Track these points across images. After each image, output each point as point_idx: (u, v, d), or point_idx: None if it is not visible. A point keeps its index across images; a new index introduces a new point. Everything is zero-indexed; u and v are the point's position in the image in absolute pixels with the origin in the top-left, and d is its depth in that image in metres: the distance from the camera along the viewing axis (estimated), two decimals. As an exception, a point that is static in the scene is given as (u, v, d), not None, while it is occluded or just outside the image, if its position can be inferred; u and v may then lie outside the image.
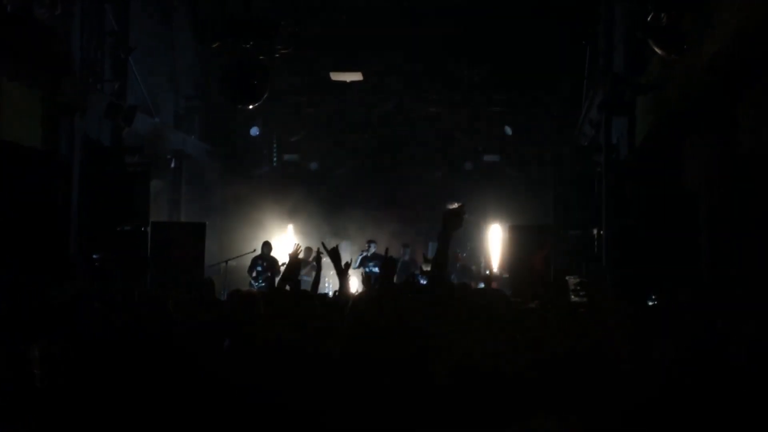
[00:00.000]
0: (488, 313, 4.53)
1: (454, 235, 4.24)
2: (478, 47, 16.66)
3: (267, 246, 15.88)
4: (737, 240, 7.38)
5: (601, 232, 12.45)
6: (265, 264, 15.46)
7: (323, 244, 6.26)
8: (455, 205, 4.44)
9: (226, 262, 15.43)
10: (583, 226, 13.50)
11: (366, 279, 8.14)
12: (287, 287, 5.43)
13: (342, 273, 5.92)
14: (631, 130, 11.38)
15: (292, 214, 18.74)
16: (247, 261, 15.68)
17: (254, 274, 15.40)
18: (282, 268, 14.55)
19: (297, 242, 6.12)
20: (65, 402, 3.49)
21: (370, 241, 16.90)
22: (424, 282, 14.53)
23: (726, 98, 7.74)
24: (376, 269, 16.37)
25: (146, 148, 14.14)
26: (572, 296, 6.43)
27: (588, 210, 13.02)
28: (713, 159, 7.85)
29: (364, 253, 16.60)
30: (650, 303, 7.11)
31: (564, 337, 4.16)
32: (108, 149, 13.09)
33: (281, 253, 15.75)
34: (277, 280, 14.01)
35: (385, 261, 6.24)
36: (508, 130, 18.00)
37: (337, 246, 6.12)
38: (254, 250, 15.79)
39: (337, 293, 8.39)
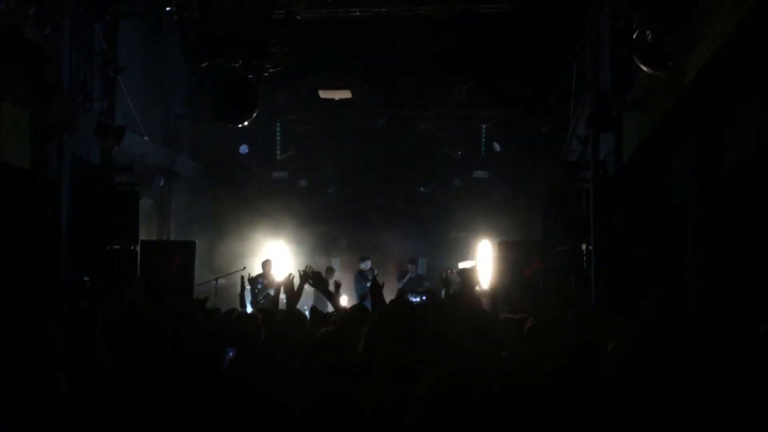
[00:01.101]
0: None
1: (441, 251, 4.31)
2: (466, 64, 16.80)
3: (267, 264, 15.91)
4: (724, 253, 7.44)
5: (590, 248, 12.50)
6: (265, 282, 15.48)
7: (304, 272, 6.11)
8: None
9: (216, 280, 15.42)
10: (571, 242, 13.56)
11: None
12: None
13: (330, 295, 5.91)
14: (618, 145, 11.45)
15: (283, 231, 18.75)
16: (237, 279, 15.68)
17: (255, 291, 15.36)
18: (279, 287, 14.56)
19: (290, 273, 6.01)
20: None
21: (363, 258, 17.00)
22: (416, 299, 14.64)
23: (711, 114, 7.82)
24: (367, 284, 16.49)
25: (136, 167, 14.16)
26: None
27: (576, 225, 13.08)
28: (699, 174, 7.92)
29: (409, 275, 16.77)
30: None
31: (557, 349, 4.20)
32: (97, 168, 13.10)
33: (277, 272, 15.77)
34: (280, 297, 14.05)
35: (373, 284, 6.26)
36: (497, 147, 18.08)
37: (314, 272, 6.04)
38: (244, 268, 15.77)
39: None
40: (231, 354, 5.10)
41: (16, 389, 3.37)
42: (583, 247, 13.16)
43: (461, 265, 15.19)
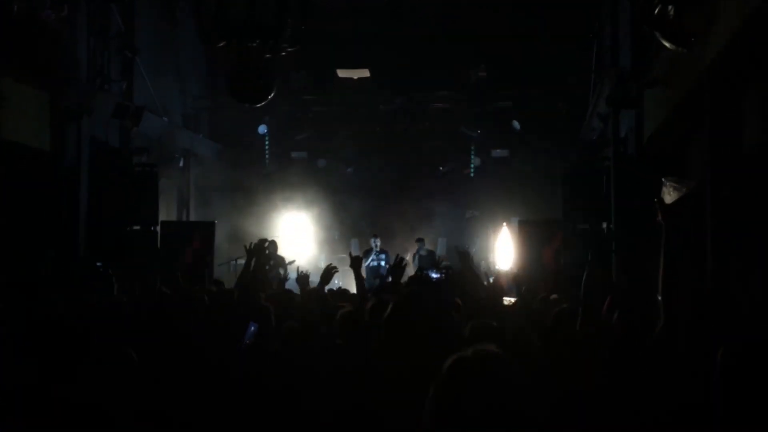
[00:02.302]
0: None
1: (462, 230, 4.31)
2: (486, 43, 16.66)
3: (273, 245, 15.89)
4: (742, 235, 7.34)
5: (610, 227, 12.42)
6: (272, 263, 15.45)
7: (350, 255, 6.36)
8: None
9: (236, 260, 15.44)
10: (592, 220, 13.48)
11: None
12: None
13: (360, 277, 5.98)
14: (639, 124, 11.33)
15: (301, 211, 18.77)
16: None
17: (262, 273, 15.35)
18: (290, 266, 14.62)
19: (332, 264, 6.32)
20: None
21: (374, 236, 17.00)
22: (435, 276, 14.61)
23: (733, 92, 7.70)
24: (383, 263, 16.46)
25: (154, 148, 14.18)
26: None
27: (597, 204, 12.99)
28: (720, 153, 7.80)
29: (372, 250, 16.68)
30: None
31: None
32: (116, 150, 13.14)
33: (288, 252, 15.79)
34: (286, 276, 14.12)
35: (395, 264, 6.30)
36: (517, 125, 17.93)
37: (358, 257, 6.21)
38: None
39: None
40: (253, 328, 5.07)
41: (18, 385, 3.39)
42: (604, 225, 13.08)
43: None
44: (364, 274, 6.29)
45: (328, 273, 6.19)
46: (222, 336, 4.62)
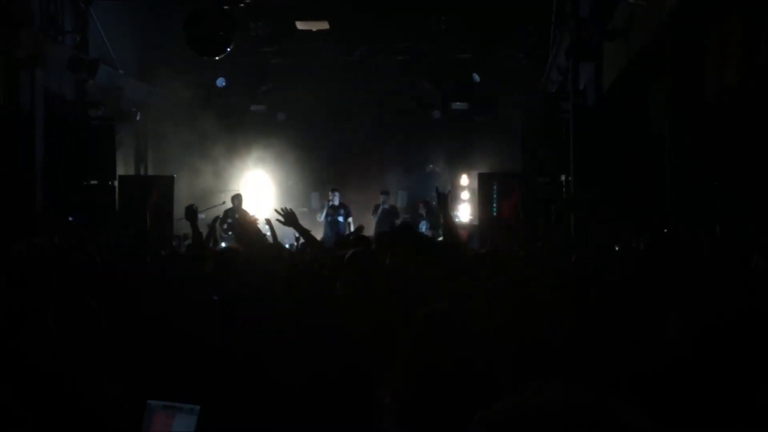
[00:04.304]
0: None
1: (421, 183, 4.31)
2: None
3: (238, 198, 15.81)
4: (703, 183, 7.46)
5: (569, 179, 12.52)
6: (236, 216, 15.37)
7: (277, 210, 6.10)
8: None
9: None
10: (551, 173, 13.59)
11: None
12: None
13: (304, 231, 5.87)
14: (599, 76, 11.39)
15: (261, 165, 18.67)
16: (215, 213, 15.60)
17: (225, 227, 15.29)
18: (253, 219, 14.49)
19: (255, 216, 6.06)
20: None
21: (333, 189, 16.90)
22: (425, 230, 14.65)
23: (692, 42, 7.76)
24: (341, 218, 16.41)
25: (110, 101, 13.94)
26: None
27: (556, 157, 13.07)
28: (680, 103, 7.88)
29: (329, 203, 16.60)
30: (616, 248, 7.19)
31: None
32: (71, 103, 12.90)
33: (247, 207, 15.69)
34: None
35: (358, 237, 6.23)
36: (476, 78, 17.92)
37: (289, 209, 6.01)
38: (223, 203, 15.70)
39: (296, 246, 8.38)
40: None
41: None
42: (563, 178, 13.19)
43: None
44: (321, 229, 6.23)
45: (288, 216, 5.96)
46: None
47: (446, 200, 6.03)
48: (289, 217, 5.84)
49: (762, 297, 3.21)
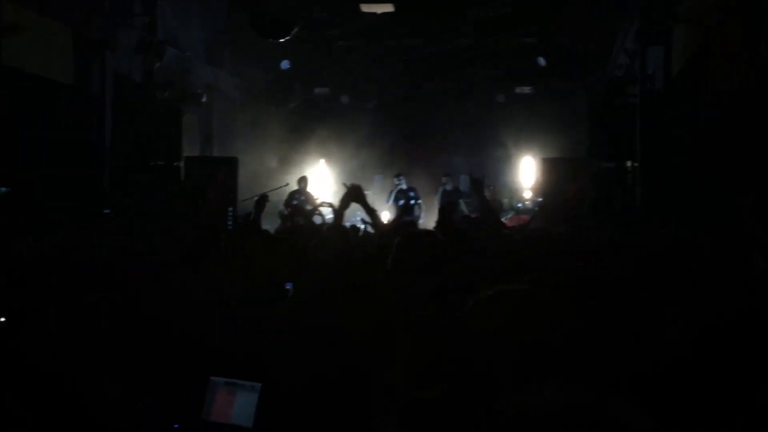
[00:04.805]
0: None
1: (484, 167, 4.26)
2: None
3: (303, 180, 15.95)
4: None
5: (635, 164, 12.32)
6: (302, 198, 15.52)
7: (344, 184, 6.02)
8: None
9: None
10: (617, 158, 13.38)
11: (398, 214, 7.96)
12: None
13: (371, 210, 5.82)
14: (668, 60, 11.14)
15: (323, 147, 18.77)
16: (278, 195, 15.76)
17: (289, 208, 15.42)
18: (318, 203, 14.61)
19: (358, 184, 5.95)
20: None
21: (397, 175, 16.96)
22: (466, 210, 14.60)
23: (766, 24, 7.53)
24: (412, 201, 16.47)
25: (177, 84, 14.14)
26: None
27: (622, 142, 12.88)
28: (751, 89, 7.66)
29: (396, 187, 16.65)
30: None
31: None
32: (139, 85, 13.11)
33: (316, 188, 15.83)
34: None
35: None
36: (541, 61, 17.68)
37: (357, 185, 5.92)
38: (286, 184, 15.83)
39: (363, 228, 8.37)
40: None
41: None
42: (629, 164, 12.98)
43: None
44: (393, 213, 6.17)
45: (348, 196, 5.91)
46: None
47: (480, 185, 6.01)
48: (354, 191, 5.60)
49: (762, 297, 3.13)
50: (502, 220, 12.30)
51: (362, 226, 9.95)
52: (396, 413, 2.23)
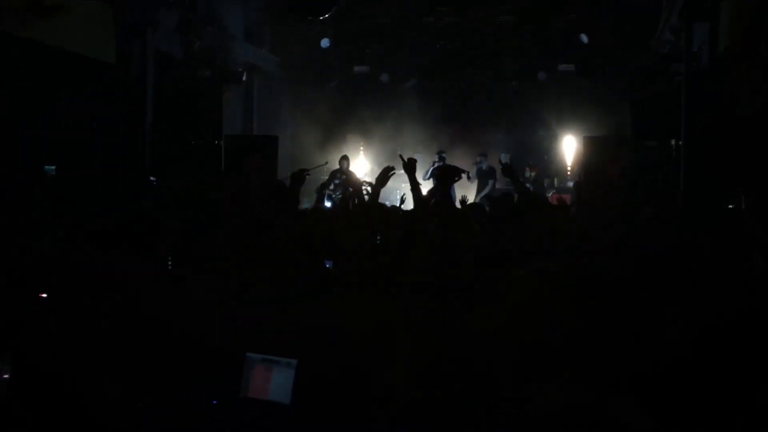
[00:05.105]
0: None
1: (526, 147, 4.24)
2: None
3: (346, 160, 15.96)
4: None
5: (680, 143, 12.12)
6: (344, 177, 15.54)
7: (401, 156, 6.13)
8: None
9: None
10: (660, 137, 13.19)
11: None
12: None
13: (416, 184, 5.83)
14: (714, 37, 10.92)
15: (363, 126, 18.75)
16: (318, 173, 15.81)
17: (332, 187, 15.47)
18: (362, 183, 14.62)
19: (392, 166, 6.05)
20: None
21: (440, 152, 16.92)
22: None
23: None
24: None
25: (217, 62, 14.19)
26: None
27: (666, 120, 12.68)
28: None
29: (435, 165, 16.58)
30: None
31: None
32: (180, 63, 13.18)
33: (357, 167, 15.84)
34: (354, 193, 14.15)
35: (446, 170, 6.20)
36: (584, 39, 17.42)
37: (413, 159, 5.99)
38: (326, 163, 15.82)
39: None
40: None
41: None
42: (673, 142, 12.78)
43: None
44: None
45: (384, 175, 5.96)
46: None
47: (511, 169, 6.02)
48: (409, 166, 5.86)
49: (762, 297, 3.06)
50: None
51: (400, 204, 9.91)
52: (396, 413, 2.23)
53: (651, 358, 2.54)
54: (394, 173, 6.04)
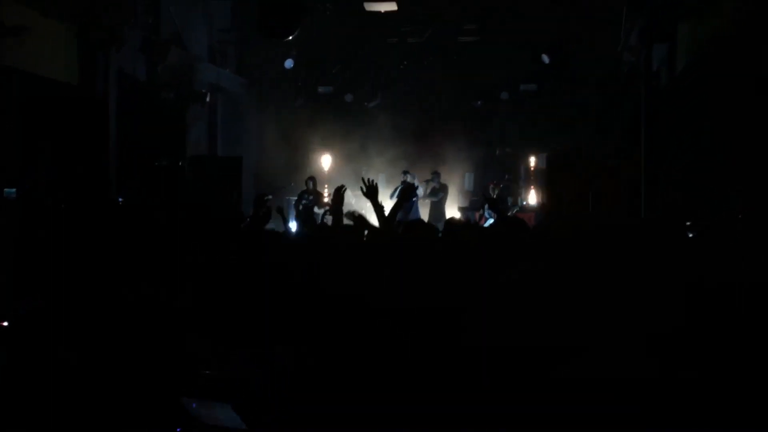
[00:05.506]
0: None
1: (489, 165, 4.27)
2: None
3: (312, 181, 16.00)
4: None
5: (640, 161, 12.29)
6: (310, 198, 15.56)
7: (363, 179, 6.13)
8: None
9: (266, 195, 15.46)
10: (623, 155, 13.35)
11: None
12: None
13: (378, 209, 5.83)
14: (672, 57, 11.13)
15: (328, 146, 18.76)
16: (283, 194, 15.88)
17: (300, 207, 15.50)
18: (327, 202, 14.65)
19: (343, 185, 6.08)
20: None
21: (405, 172, 16.99)
22: (491, 220, 14.59)
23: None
24: (415, 199, 16.48)
25: (181, 83, 14.14)
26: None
27: (627, 138, 12.86)
28: (755, 88, 7.65)
29: (404, 184, 16.64)
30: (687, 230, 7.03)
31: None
32: (143, 84, 13.12)
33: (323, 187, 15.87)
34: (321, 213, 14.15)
35: (404, 188, 6.23)
36: (546, 59, 17.63)
37: (374, 181, 6.00)
38: (291, 184, 15.85)
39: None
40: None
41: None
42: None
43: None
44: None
45: (338, 195, 5.99)
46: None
47: (495, 203, 6.10)
48: (371, 190, 5.81)
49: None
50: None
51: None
52: None
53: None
54: (345, 190, 6.10)
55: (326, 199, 15.08)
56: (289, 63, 18.42)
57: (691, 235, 4.86)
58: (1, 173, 9.54)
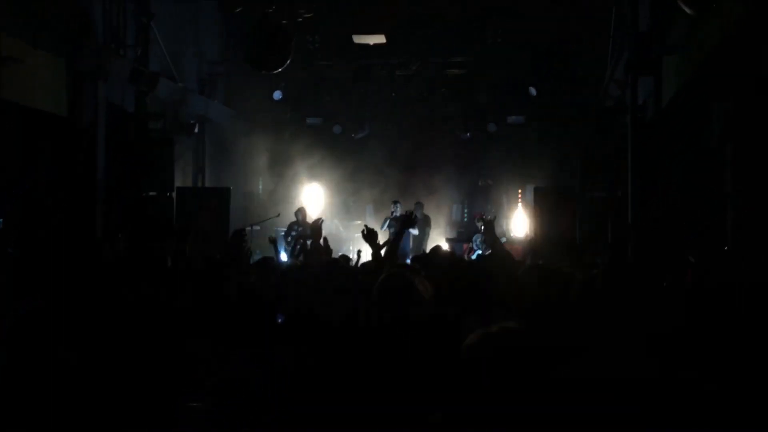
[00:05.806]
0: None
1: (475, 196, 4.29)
2: (502, 6, 16.50)
3: (301, 212, 15.99)
4: (764, 204, 7.30)
5: (619, 194, 12.35)
6: (300, 229, 15.55)
7: (366, 226, 6.21)
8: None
9: (251, 226, 15.48)
10: (608, 189, 13.41)
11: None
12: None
13: (377, 252, 5.86)
14: (658, 90, 11.21)
15: (316, 177, 18.79)
16: (271, 224, 15.86)
17: (289, 239, 15.49)
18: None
19: (320, 217, 6.17)
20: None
21: (395, 202, 16.98)
22: (478, 243, 14.59)
23: (754, 58, 7.60)
24: (411, 230, 16.44)
25: (170, 114, 14.16)
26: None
27: (613, 172, 12.91)
28: (741, 121, 7.72)
29: (392, 215, 16.64)
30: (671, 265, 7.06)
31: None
32: (131, 115, 13.13)
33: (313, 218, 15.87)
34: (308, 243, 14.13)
35: (405, 217, 6.30)
36: (533, 91, 17.78)
37: (373, 230, 6.07)
38: (278, 215, 15.84)
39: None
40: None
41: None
42: (619, 193, 12.99)
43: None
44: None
45: (315, 227, 6.09)
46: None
47: (491, 226, 6.14)
48: (371, 235, 6.01)
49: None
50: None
51: (354, 257, 9.95)
52: None
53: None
54: (322, 221, 6.17)
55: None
56: (277, 95, 18.51)
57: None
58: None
